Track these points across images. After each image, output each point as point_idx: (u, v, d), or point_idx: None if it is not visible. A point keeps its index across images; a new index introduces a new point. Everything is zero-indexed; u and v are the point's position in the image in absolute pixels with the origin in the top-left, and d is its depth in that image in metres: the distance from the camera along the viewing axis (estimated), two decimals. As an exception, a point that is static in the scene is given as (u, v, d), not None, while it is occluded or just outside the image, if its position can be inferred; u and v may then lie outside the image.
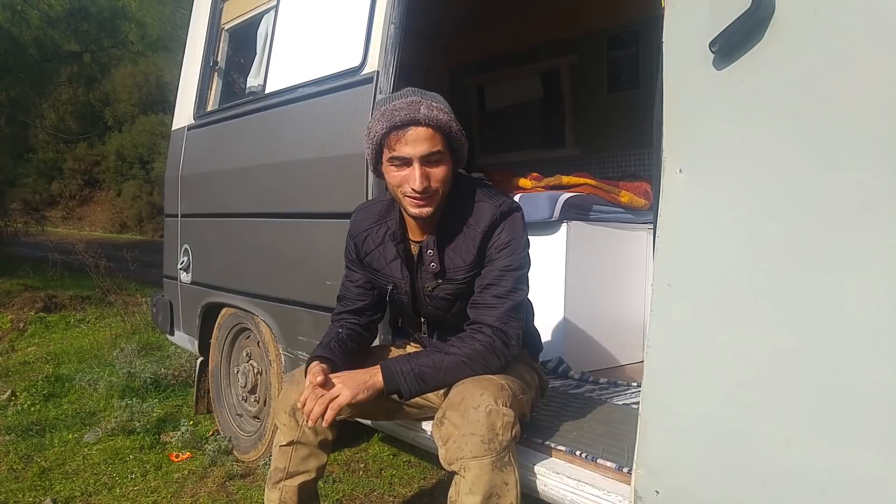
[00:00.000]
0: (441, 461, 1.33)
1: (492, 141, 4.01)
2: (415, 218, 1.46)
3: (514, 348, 1.44)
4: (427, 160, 1.37)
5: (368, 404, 1.48)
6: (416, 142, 1.36)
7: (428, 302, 1.55)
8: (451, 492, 1.31)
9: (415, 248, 1.54)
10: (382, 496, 2.30)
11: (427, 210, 1.42)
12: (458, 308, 1.51)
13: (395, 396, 1.42)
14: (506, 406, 1.30)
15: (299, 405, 1.41)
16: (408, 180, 1.38)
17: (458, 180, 1.49)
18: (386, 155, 1.41)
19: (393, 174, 1.41)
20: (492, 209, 1.45)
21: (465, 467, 1.25)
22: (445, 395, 1.46)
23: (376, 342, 1.83)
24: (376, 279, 1.61)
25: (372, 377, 1.38)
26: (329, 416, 1.35)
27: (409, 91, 1.42)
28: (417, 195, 1.38)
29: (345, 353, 1.53)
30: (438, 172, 1.39)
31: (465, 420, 1.28)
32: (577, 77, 3.56)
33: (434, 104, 1.38)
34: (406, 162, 1.38)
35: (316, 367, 1.44)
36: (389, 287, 1.58)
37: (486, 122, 4.10)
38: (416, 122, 1.36)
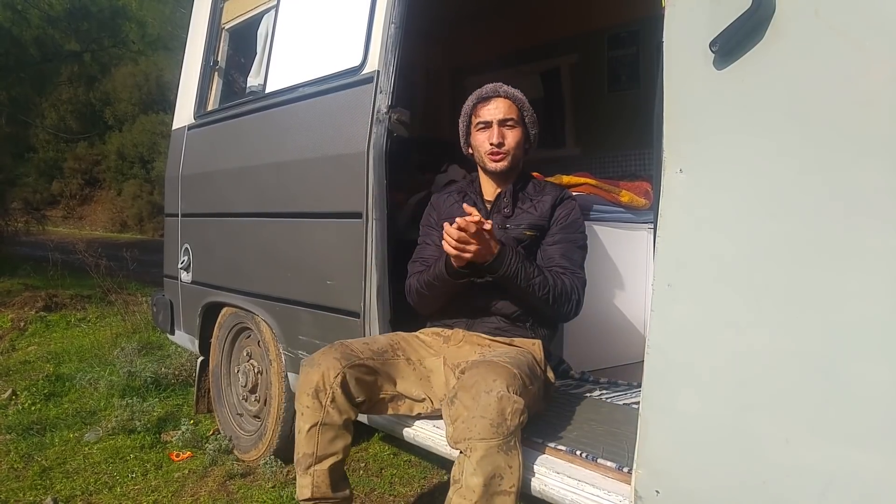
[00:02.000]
0: (448, 439, 1.38)
1: (492, 140, 4.01)
2: (493, 173, 1.79)
3: (579, 307, 1.72)
4: (504, 123, 1.74)
5: (375, 392, 1.60)
6: (496, 108, 1.75)
7: None
8: (455, 471, 1.34)
9: (488, 204, 1.82)
10: (382, 495, 2.30)
11: (503, 165, 1.76)
12: None
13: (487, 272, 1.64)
14: (516, 394, 1.36)
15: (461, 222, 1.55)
16: (489, 138, 1.74)
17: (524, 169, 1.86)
18: (474, 122, 1.79)
19: (478, 137, 1.78)
20: (558, 187, 1.86)
21: (472, 447, 1.30)
22: (458, 378, 1.52)
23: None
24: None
25: (494, 244, 1.60)
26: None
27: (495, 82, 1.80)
28: (496, 149, 1.73)
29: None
30: (512, 135, 1.75)
31: (476, 403, 1.33)
32: (578, 76, 3.56)
33: (513, 88, 1.78)
34: (488, 125, 1.75)
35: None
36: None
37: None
38: (497, 95, 1.76)
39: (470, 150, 1.85)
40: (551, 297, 1.65)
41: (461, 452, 1.34)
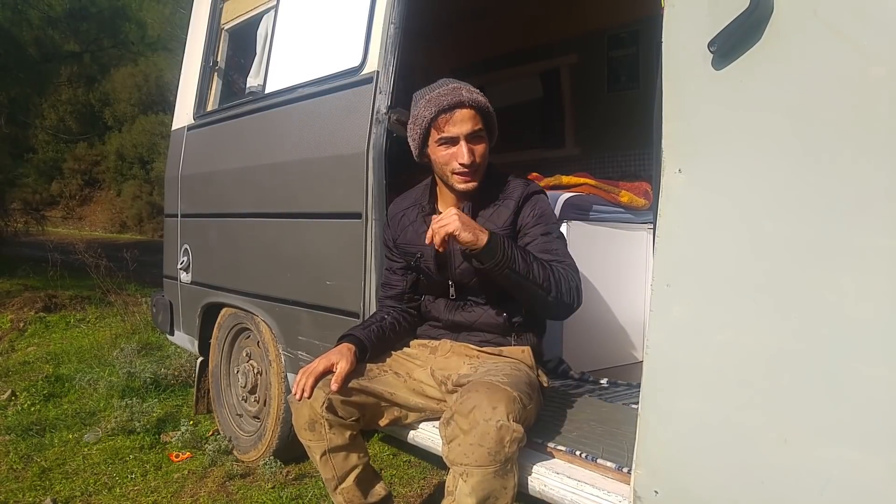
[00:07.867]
0: (443, 456, 1.37)
1: (491, 141, 4.01)
2: (461, 193, 1.60)
3: (580, 294, 1.55)
4: (471, 137, 1.53)
5: (376, 411, 1.60)
6: (462, 122, 1.52)
7: (458, 265, 1.63)
8: (449, 482, 1.34)
9: None
10: (382, 496, 2.30)
11: (472, 185, 1.57)
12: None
13: (477, 263, 1.50)
14: (516, 421, 1.33)
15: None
16: (456, 157, 1.53)
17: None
18: (434, 137, 1.55)
19: (441, 154, 1.56)
20: (522, 183, 1.64)
21: (469, 473, 1.29)
22: (451, 392, 1.51)
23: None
24: (406, 251, 1.71)
25: (480, 229, 1.46)
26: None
27: (446, 80, 1.58)
28: (465, 170, 1.53)
29: (380, 337, 1.66)
30: (480, 148, 1.55)
31: (474, 429, 1.30)
32: (577, 77, 3.56)
33: (472, 88, 1.54)
34: (453, 141, 1.53)
35: (344, 348, 1.57)
36: (417, 254, 1.67)
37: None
38: (461, 105, 1.51)
39: (426, 160, 1.63)
40: (553, 286, 1.48)
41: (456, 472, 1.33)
